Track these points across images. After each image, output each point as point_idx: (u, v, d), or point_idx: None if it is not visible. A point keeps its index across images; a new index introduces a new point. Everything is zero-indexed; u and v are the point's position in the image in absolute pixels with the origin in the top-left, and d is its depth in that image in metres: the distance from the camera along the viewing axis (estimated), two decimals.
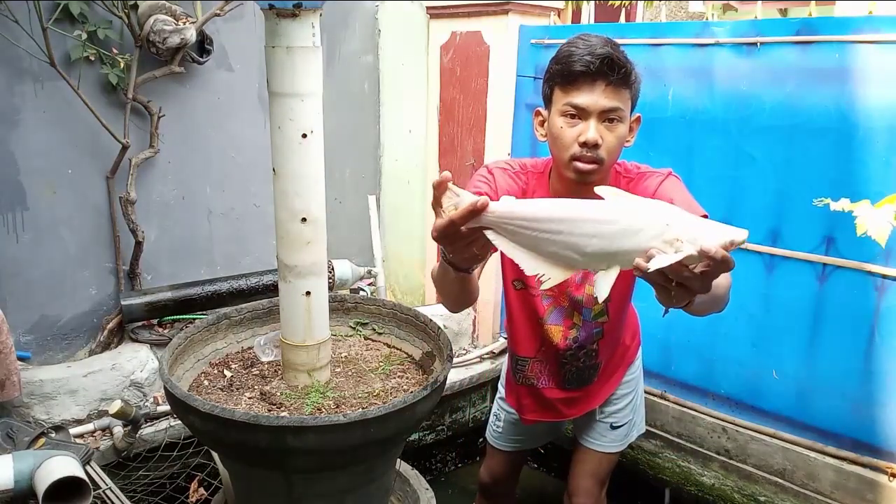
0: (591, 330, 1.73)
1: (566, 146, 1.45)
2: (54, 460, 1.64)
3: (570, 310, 1.71)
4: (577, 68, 1.40)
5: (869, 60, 1.99)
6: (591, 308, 1.70)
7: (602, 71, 1.39)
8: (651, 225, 0.95)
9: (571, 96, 1.42)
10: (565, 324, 1.72)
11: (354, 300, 2.00)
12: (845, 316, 2.14)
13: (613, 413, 1.93)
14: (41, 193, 2.41)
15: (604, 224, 0.97)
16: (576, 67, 1.40)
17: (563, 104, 1.44)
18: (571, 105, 1.42)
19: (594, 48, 1.40)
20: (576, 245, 0.98)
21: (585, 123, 1.42)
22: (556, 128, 1.46)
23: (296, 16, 1.40)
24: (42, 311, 2.49)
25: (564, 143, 1.45)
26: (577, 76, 1.40)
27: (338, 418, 1.36)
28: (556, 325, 1.73)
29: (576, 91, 1.42)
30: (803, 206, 2.17)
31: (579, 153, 1.43)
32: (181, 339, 1.69)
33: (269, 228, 2.81)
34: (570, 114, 1.43)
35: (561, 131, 1.45)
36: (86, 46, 2.32)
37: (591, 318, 1.71)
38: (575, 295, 1.68)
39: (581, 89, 1.41)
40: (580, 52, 1.40)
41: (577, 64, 1.39)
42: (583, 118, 1.42)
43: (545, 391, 1.84)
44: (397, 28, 3.21)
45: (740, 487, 2.43)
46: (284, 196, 1.52)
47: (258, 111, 2.88)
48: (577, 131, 1.43)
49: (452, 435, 3.07)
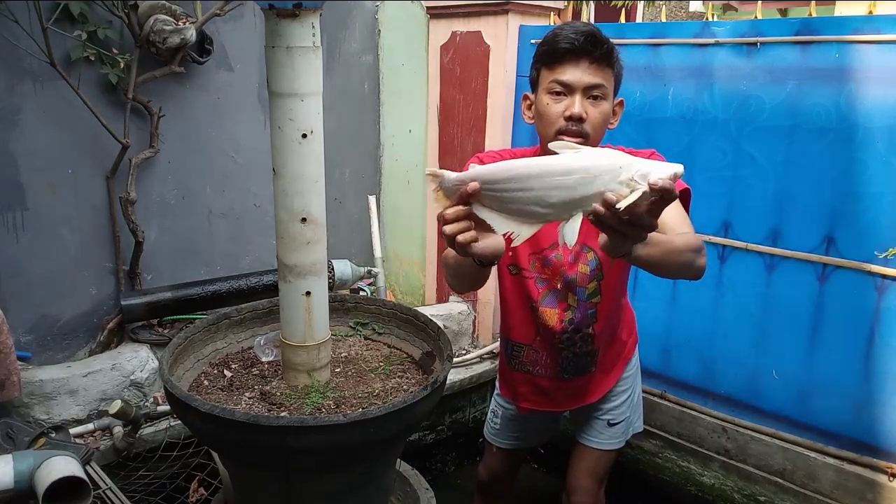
0: (585, 311, 1.74)
1: (552, 121, 1.52)
2: (54, 460, 1.64)
3: (565, 291, 1.73)
4: (562, 45, 1.48)
5: (869, 60, 1.99)
6: (585, 287, 1.72)
7: (586, 48, 1.47)
8: (607, 170, 1.01)
9: (557, 73, 1.50)
10: (560, 306, 1.74)
11: (354, 300, 2.00)
12: (845, 316, 2.14)
13: (611, 410, 1.93)
14: (41, 193, 2.41)
15: (563, 175, 1.02)
16: (561, 45, 1.49)
17: (549, 82, 1.52)
18: (557, 82, 1.50)
19: (578, 27, 1.49)
20: (539, 198, 1.04)
21: (571, 98, 1.50)
22: (543, 105, 1.54)
23: (296, 16, 1.40)
24: (42, 311, 2.49)
25: (550, 119, 1.52)
26: (563, 54, 1.49)
27: (338, 418, 1.36)
28: (550, 307, 1.75)
29: (561, 68, 1.50)
30: (803, 206, 2.17)
31: (565, 127, 1.50)
32: (181, 339, 1.69)
33: (269, 228, 2.82)
34: (556, 91, 1.51)
35: (547, 108, 1.53)
36: (86, 46, 2.32)
37: (586, 297, 1.73)
38: (568, 275, 1.70)
39: (566, 66, 1.49)
40: (565, 31, 1.49)
41: (562, 41, 1.48)
42: (568, 94, 1.50)
43: (541, 380, 1.83)
44: (397, 28, 3.21)
45: (740, 487, 2.43)
46: (284, 196, 1.52)
47: (258, 111, 2.88)
48: (562, 106, 1.50)
49: (452, 435, 3.07)
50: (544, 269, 1.72)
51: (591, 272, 1.70)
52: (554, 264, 1.71)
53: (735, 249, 2.33)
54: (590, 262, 1.70)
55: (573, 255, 1.69)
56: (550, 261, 1.71)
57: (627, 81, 1.70)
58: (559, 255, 1.70)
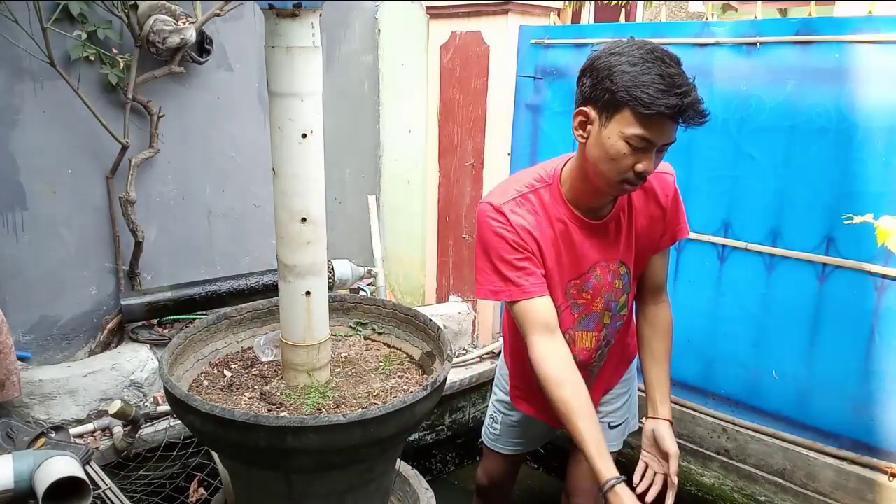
0: (615, 324, 1.72)
1: (622, 171, 1.40)
2: (54, 460, 1.64)
3: (602, 311, 1.67)
4: (665, 111, 1.32)
5: (869, 60, 1.99)
6: (618, 301, 1.68)
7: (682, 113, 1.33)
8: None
9: (645, 130, 1.35)
10: (597, 327, 1.69)
11: (354, 300, 2.00)
12: (845, 316, 2.14)
13: (611, 413, 1.93)
14: (41, 193, 2.41)
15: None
16: (664, 110, 1.31)
17: (633, 134, 1.35)
18: (642, 138, 1.35)
19: (683, 91, 1.32)
20: None
21: (645, 155, 1.38)
22: (616, 150, 1.38)
23: (296, 16, 1.40)
24: (42, 311, 2.49)
25: (620, 168, 1.40)
26: (661, 110, 1.32)
27: (338, 418, 1.36)
28: (587, 330, 1.68)
29: (650, 127, 1.35)
30: (803, 206, 2.17)
31: (632, 179, 1.41)
32: (181, 339, 1.69)
33: (269, 228, 2.82)
34: (637, 145, 1.37)
35: (621, 156, 1.39)
36: (86, 46, 2.32)
37: (618, 310, 1.70)
38: (607, 293, 1.66)
39: (655, 125, 1.34)
40: (664, 86, 1.32)
41: (665, 107, 1.31)
42: (646, 150, 1.38)
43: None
44: (397, 28, 3.21)
45: (740, 487, 2.43)
46: (284, 196, 1.52)
47: (258, 111, 2.88)
48: (635, 159, 1.38)
49: (452, 435, 3.07)
50: (581, 295, 1.64)
51: (624, 286, 1.67)
52: (594, 287, 1.64)
53: (735, 249, 2.33)
54: (623, 277, 1.65)
55: (612, 274, 1.63)
56: (591, 284, 1.63)
57: None
58: (599, 276, 1.63)
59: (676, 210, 1.64)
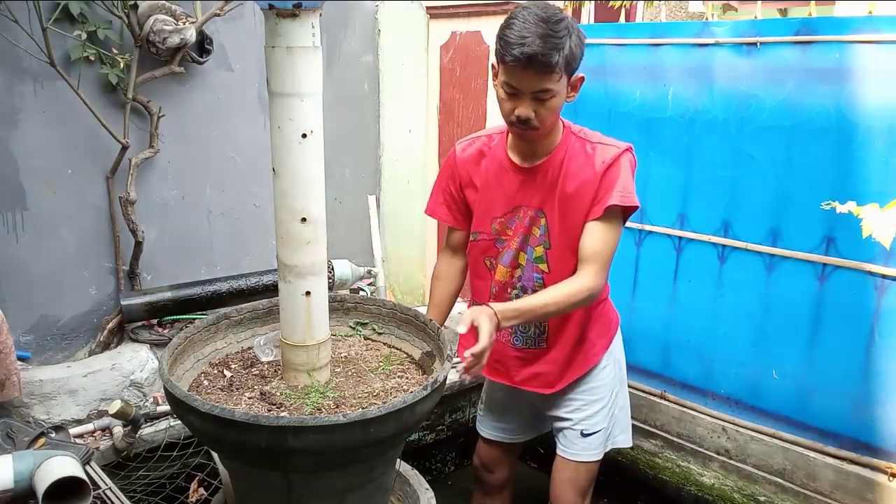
0: (532, 273, 1.83)
1: (505, 114, 1.65)
2: (54, 460, 1.64)
3: (517, 251, 1.82)
4: (508, 60, 1.53)
5: (869, 60, 1.99)
6: (534, 248, 1.81)
7: (530, 63, 1.51)
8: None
9: (507, 76, 1.58)
10: (511, 264, 1.84)
11: (354, 300, 1.99)
12: (845, 316, 2.14)
13: (583, 420, 1.93)
14: (41, 193, 2.41)
15: None
16: (507, 59, 1.54)
17: (503, 80, 1.60)
18: (508, 84, 1.58)
19: (525, 43, 1.50)
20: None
21: (520, 100, 1.59)
22: (499, 96, 1.64)
23: (296, 16, 1.39)
24: (42, 311, 2.49)
25: (504, 112, 1.65)
26: (510, 62, 1.53)
27: (338, 418, 1.36)
28: (504, 266, 1.85)
29: (510, 73, 1.57)
30: (803, 206, 2.17)
31: (516, 122, 1.62)
32: (181, 339, 1.69)
33: (268, 228, 2.81)
34: (507, 91, 1.60)
35: (501, 102, 1.64)
36: (86, 46, 2.32)
37: (534, 259, 1.81)
38: (523, 234, 1.81)
39: (514, 73, 1.56)
40: (513, 40, 1.51)
41: (508, 56, 1.53)
42: (518, 95, 1.58)
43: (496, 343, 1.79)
44: (397, 28, 3.21)
45: (740, 487, 2.43)
46: (284, 196, 1.52)
47: (258, 111, 2.88)
48: (513, 105, 1.61)
49: (452, 435, 3.07)
50: (505, 232, 1.83)
51: (541, 236, 1.78)
52: (516, 226, 1.80)
53: (735, 249, 2.33)
54: (541, 227, 1.79)
55: (529, 220, 1.79)
56: (513, 223, 1.81)
57: (627, 81, 1.70)
58: (521, 217, 1.80)
59: (610, 180, 1.68)
